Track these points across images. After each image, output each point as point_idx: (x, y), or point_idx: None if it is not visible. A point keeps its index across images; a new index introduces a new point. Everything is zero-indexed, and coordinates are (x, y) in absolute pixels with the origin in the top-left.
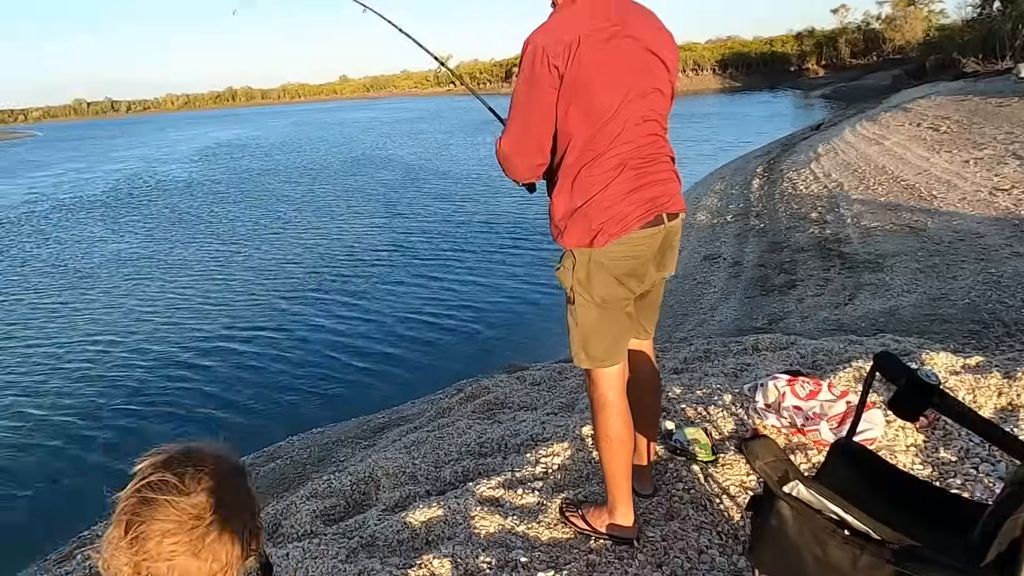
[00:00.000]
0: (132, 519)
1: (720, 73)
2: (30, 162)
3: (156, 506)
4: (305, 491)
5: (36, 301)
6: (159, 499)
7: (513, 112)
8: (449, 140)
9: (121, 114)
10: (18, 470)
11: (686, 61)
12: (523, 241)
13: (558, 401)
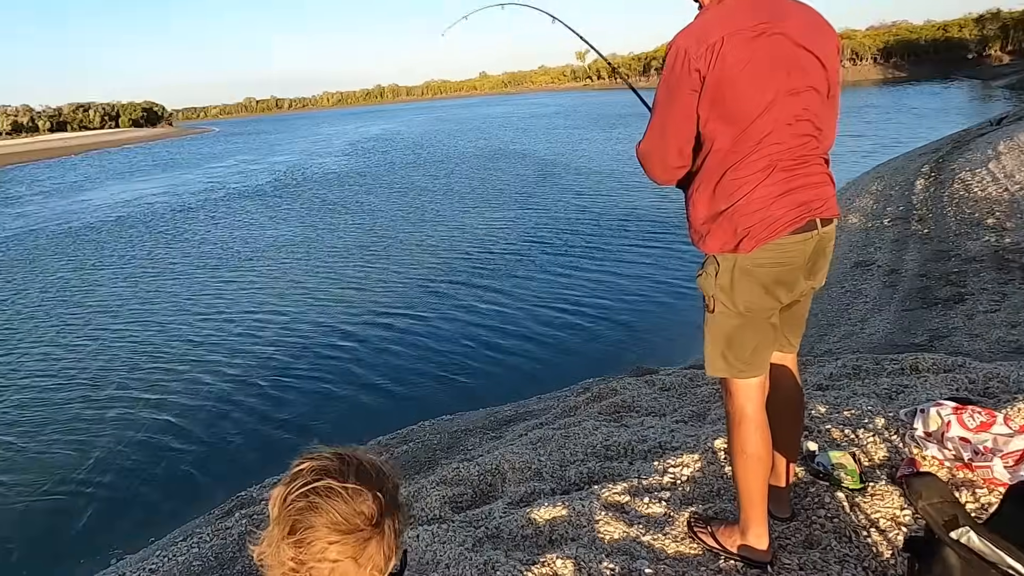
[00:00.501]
0: (299, 521)
1: (882, 62)
2: (209, 154)
3: (323, 512)
4: (435, 476)
5: (208, 279)
6: (326, 506)
7: (654, 114)
8: (584, 135)
9: (284, 110)
10: (189, 429)
11: (843, 50)
12: (655, 240)
13: (688, 409)
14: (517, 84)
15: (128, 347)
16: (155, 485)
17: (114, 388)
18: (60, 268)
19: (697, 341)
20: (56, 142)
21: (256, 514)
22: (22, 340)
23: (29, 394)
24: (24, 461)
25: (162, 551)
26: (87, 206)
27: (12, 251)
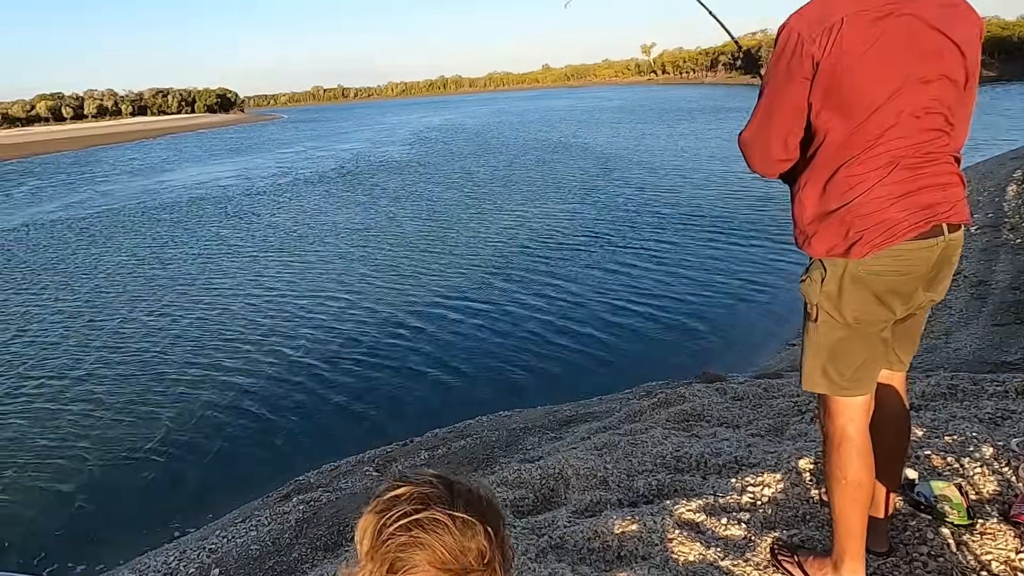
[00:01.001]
0: (400, 559)
1: None
2: (279, 141)
3: (429, 548)
4: (496, 477)
5: (274, 261)
6: (433, 541)
7: (759, 102)
8: (648, 130)
9: (349, 99)
10: (248, 410)
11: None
12: (721, 240)
13: (764, 422)
14: (580, 77)
15: (193, 325)
16: (214, 462)
17: (179, 365)
18: (138, 244)
19: (765, 348)
20: (137, 125)
21: (313, 500)
22: (99, 312)
23: (100, 366)
24: (94, 431)
25: (221, 531)
26: (166, 186)
27: (97, 225)
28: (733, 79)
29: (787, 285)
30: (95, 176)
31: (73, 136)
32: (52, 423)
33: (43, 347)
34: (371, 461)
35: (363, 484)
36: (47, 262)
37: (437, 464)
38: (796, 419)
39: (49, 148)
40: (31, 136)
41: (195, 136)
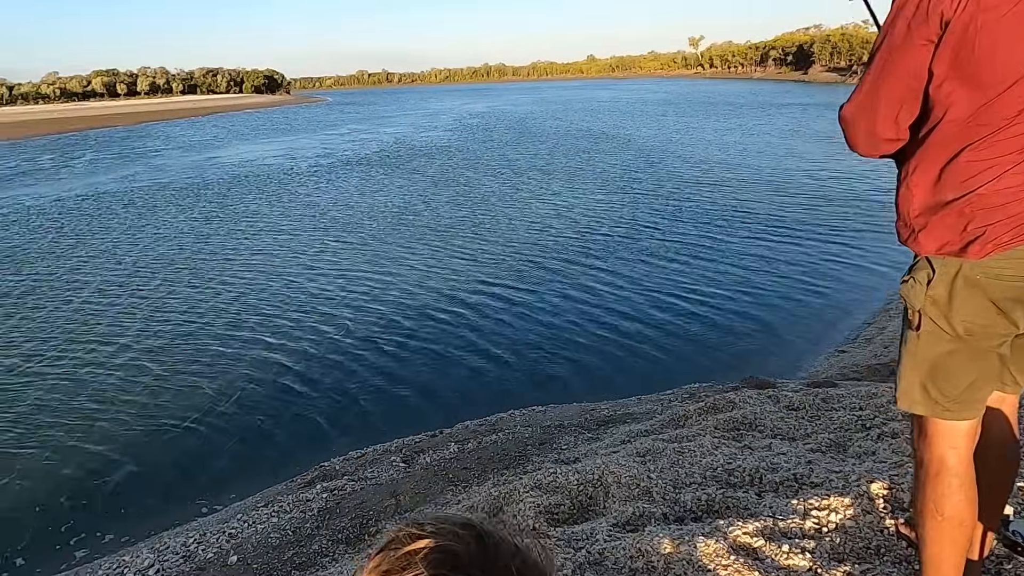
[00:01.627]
0: None
1: None
2: (324, 122)
3: None
4: (529, 480)
5: (315, 242)
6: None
7: (867, 70)
8: (695, 123)
9: (393, 84)
10: (273, 392)
11: None
12: (770, 238)
13: (824, 436)
14: (625, 69)
15: (235, 300)
16: (243, 439)
17: (218, 339)
18: (186, 217)
19: (814, 353)
20: (186, 103)
21: (337, 489)
22: (146, 283)
23: (144, 336)
24: (135, 398)
25: (243, 515)
26: (214, 163)
27: (148, 198)
28: (783, 75)
29: (837, 288)
30: (147, 151)
31: (126, 112)
32: (96, 387)
33: (91, 314)
34: (398, 451)
35: (389, 475)
36: (99, 231)
37: (467, 460)
38: (860, 435)
39: (104, 122)
40: (87, 111)
41: (242, 115)
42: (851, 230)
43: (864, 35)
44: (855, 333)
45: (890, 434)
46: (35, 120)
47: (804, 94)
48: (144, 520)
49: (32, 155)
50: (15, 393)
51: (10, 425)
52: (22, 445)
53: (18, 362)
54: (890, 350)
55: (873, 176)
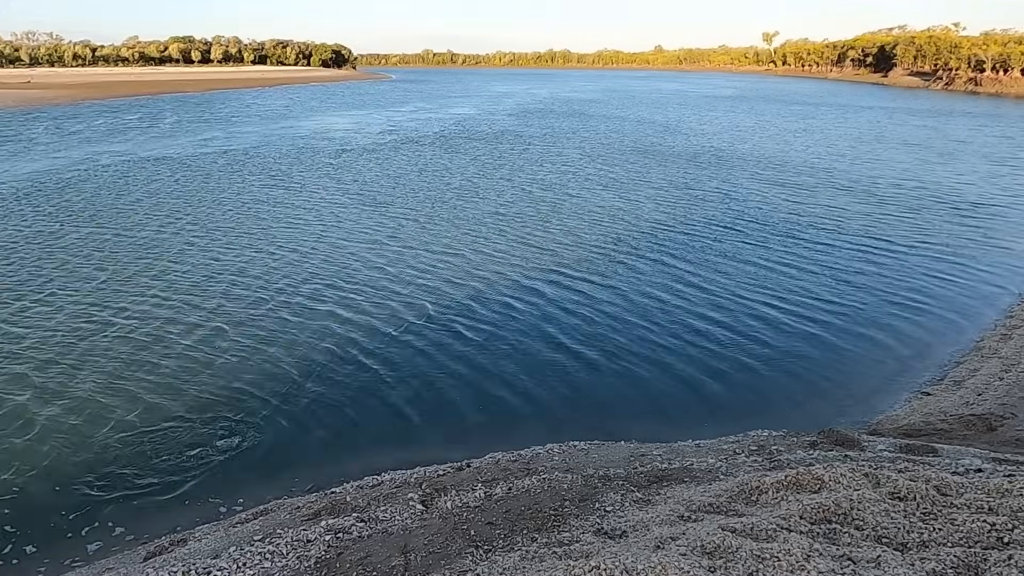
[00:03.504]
0: None
1: None
2: (393, 100)
3: None
4: (563, 572)
5: (386, 216)
6: None
7: None
8: (768, 121)
9: (457, 65)
10: (324, 386)
11: None
12: (849, 251)
13: (948, 552)
14: (692, 61)
15: (293, 275)
16: (269, 437)
17: (267, 318)
18: (265, 185)
19: (891, 393)
20: (256, 73)
21: (342, 531)
22: (223, 248)
23: (213, 301)
24: (202, 368)
25: (236, 548)
26: (292, 132)
27: (234, 162)
28: (861, 76)
29: (921, 316)
30: (226, 116)
31: (199, 78)
32: (160, 348)
33: (177, 275)
34: (417, 485)
35: (402, 520)
36: (181, 191)
37: (493, 512)
38: (997, 555)
39: (177, 87)
40: (163, 75)
41: (309, 88)
42: (940, 249)
43: (953, 39)
44: (941, 373)
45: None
46: (116, 82)
47: (887, 97)
48: (159, 514)
49: (118, 114)
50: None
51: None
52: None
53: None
54: (984, 398)
55: (964, 189)
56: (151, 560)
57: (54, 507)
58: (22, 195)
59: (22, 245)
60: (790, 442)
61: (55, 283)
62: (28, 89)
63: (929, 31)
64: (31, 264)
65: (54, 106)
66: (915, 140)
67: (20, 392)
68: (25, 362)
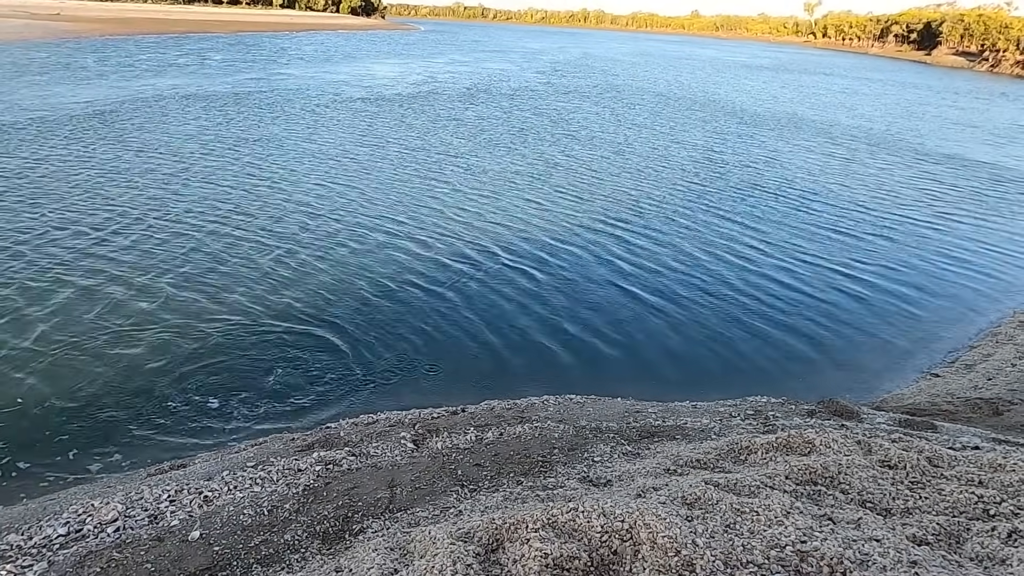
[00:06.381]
0: None
1: None
2: (428, 51)
3: None
4: (543, 513)
5: (417, 171)
6: None
7: None
8: (817, 95)
9: (488, 20)
10: (342, 322)
11: None
12: (870, 224)
13: (932, 519)
14: (730, 29)
15: (319, 219)
16: (275, 370)
17: (299, 256)
18: (316, 127)
19: (899, 373)
20: (285, 17)
21: (333, 463)
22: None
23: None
24: (223, 300)
25: (229, 472)
26: (334, 78)
27: (286, 103)
28: (903, 53)
29: (937, 298)
30: (264, 58)
31: (225, 19)
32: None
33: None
34: (411, 425)
35: (392, 456)
36: (247, 127)
37: (482, 454)
38: (981, 525)
39: (204, 27)
40: (191, 14)
41: (337, 35)
42: (965, 230)
43: (1004, 18)
44: (953, 356)
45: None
46: (145, 19)
47: (931, 76)
48: (164, 444)
49: (160, 51)
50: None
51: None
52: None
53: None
54: (994, 383)
55: (1007, 166)
56: (149, 479)
57: (63, 429)
58: (97, 116)
59: (108, 164)
60: (788, 409)
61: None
62: (57, 21)
63: (979, 9)
64: (109, 186)
65: (87, 39)
66: (964, 120)
67: (43, 311)
68: (55, 282)
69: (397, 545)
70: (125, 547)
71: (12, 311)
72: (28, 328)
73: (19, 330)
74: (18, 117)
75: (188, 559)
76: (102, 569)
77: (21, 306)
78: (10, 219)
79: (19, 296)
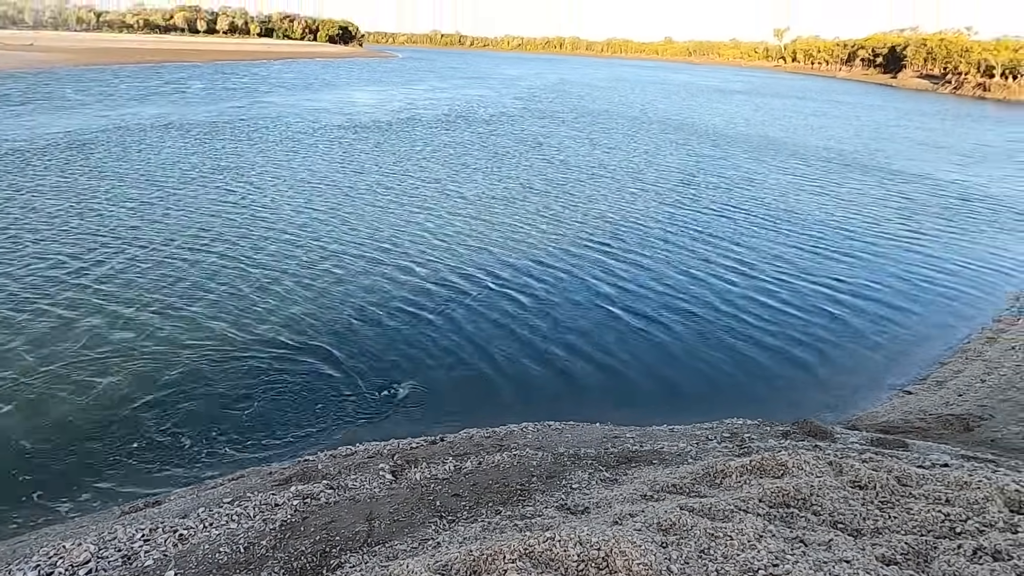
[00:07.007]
0: None
1: None
2: (408, 78)
3: None
4: (520, 543)
5: (394, 197)
6: None
7: None
8: (789, 118)
9: (465, 47)
10: (326, 351)
11: None
12: (841, 245)
13: (900, 539)
14: (702, 54)
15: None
16: (255, 400)
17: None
18: (294, 153)
19: (872, 391)
20: (262, 46)
21: (311, 497)
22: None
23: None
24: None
25: (205, 509)
26: (316, 106)
27: (271, 131)
28: (870, 76)
29: (909, 317)
30: (244, 87)
31: (203, 48)
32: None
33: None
34: (389, 456)
35: (370, 489)
36: (223, 155)
37: (461, 484)
38: (948, 543)
39: (181, 57)
40: (167, 44)
41: (316, 63)
42: (935, 248)
43: (964, 43)
44: (924, 372)
45: (990, 551)
46: (121, 49)
47: (898, 98)
48: (136, 481)
49: (139, 80)
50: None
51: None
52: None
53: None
54: (964, 399)
55: (975, 184)
56: (123, 518)
57: (32, 467)
58: (77, 146)
59: (87, 191)
60: (763, 431)
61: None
62: (31, 52)
63: (941, 34)
64: (88, 212)
65: (64, 69)
66: (931, 141)
67: (20, 343)
68: (23, 312)
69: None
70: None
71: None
72: (3, 362)
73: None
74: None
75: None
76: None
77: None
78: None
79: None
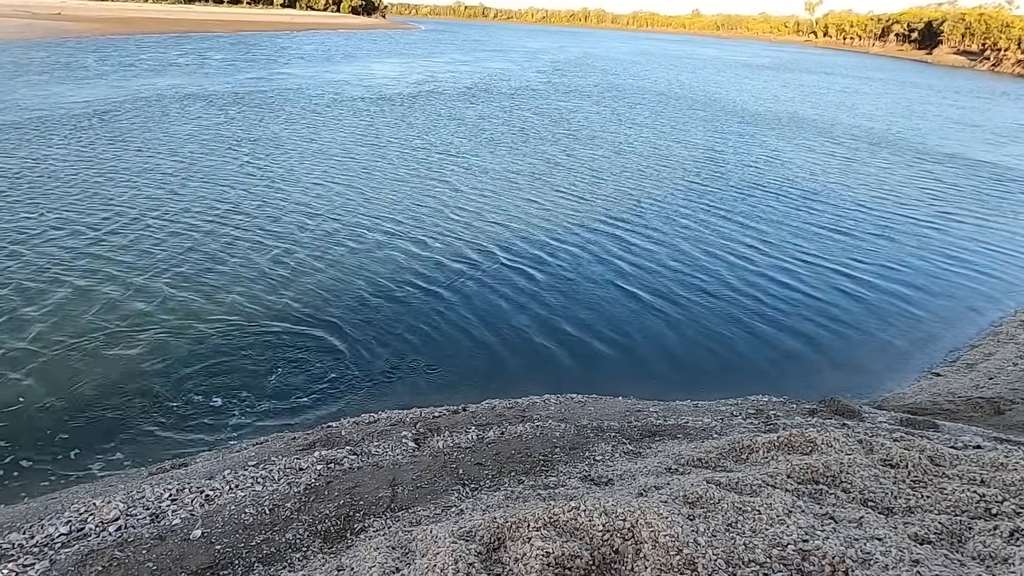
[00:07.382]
0: None
1: None
2: (430, 51)
3: None
4: (544, 511)
5: (421, 172)
6: None
7: None
8: (818, 94)
9: (489, 19)
10: (344, 321)
11: None
12: (873, 225)
13: (934, 518)
14: (730, 28)
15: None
16: (280, 368)
17: (299, 251)
18: (323, 125)
19: (900, 373)
20: (286, 17)
21: (334, 462)
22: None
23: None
24: (222, 294)
25: (231, 471)
26: (339, 77)
27: (290, 102)
28: (905, 52)
29: (939, 298)
30: (266, 57)
31: (227, 19)
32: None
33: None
34: (412, 424)
35: (393, 456)
36: (247, 127)
37: (483, 453)
38: (983, 524)
39: (205, 27)
40: (192, 14)
41: (338, 35)
42: (967, 229)
43: (1005, 17)
44: (954, 355)
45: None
46: (146, 19)
47: (931, 75)
48: (165, 444)
49: (161, 50)
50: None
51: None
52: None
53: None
54: (995, 382)
55: (1010, 165)
56: (150, 478)
57: (64, 428)
58: (97, 116)
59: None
60: (789, 408)
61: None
62: (58, 20)
63: (980, 8)
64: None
65: (88, 38)
66: (965, 119)
67: (41, 310)
68: (60, 281)
69: (399, 544)
70: (127, 546)
71: (10, 311)
72: (27, 328)
73: (18, 329)
74: (18, 116)
75: (190, 558)
76: (104, 568)
77: (19, 305)
78: (8, 219)
79: (17, 296)
